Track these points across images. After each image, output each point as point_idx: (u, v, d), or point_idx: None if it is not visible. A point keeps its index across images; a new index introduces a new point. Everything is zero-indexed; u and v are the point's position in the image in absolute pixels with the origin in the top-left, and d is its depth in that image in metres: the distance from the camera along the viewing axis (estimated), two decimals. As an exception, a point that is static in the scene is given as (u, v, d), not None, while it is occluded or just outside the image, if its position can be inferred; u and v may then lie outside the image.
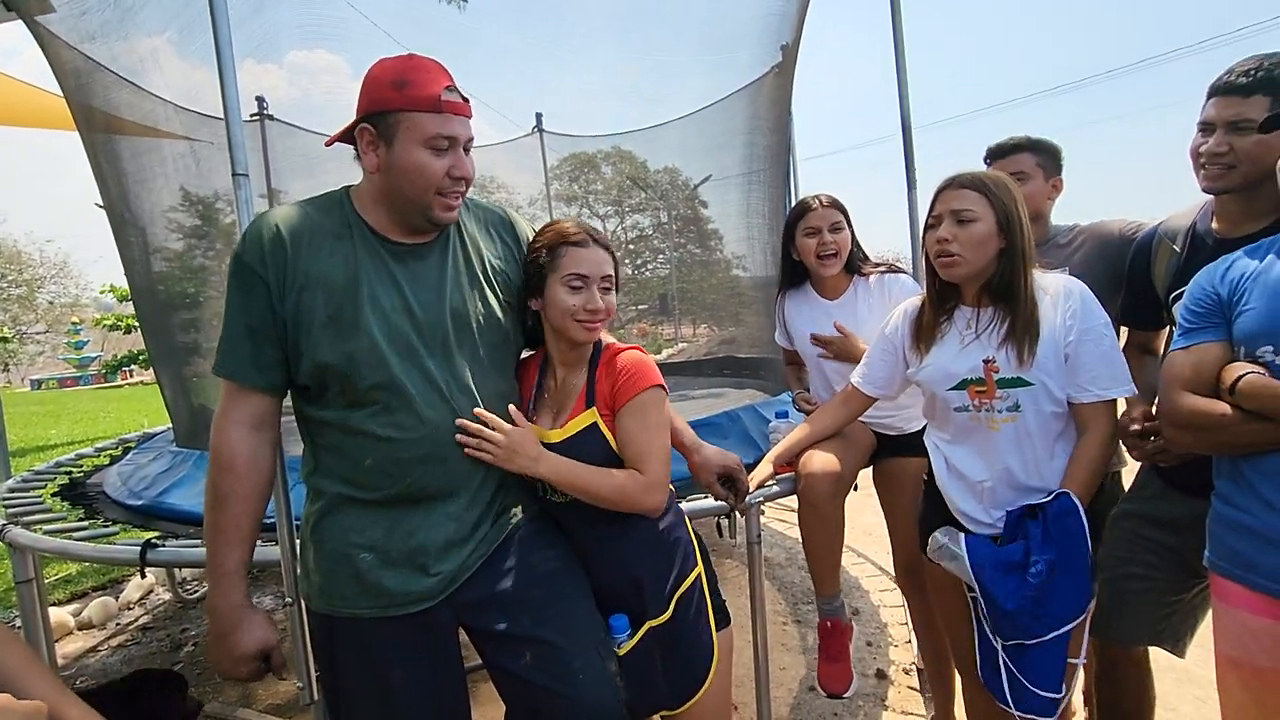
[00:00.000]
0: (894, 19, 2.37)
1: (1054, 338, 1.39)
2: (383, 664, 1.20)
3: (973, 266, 1.42)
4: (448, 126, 1.16)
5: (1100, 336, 1.39)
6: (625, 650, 1.29)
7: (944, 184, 1.46)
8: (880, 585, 3.37)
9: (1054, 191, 1.86)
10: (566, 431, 1.29)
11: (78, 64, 2.81)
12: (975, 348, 1.45)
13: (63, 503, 2.47)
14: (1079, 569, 1.35)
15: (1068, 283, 1.44)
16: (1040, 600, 1.33)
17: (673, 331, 8.01)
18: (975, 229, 1.40)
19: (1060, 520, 1.34)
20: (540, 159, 6.88)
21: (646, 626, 1.31)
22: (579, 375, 1.34)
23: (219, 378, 1.21)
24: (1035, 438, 1.42)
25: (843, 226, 1.93)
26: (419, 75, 1.16)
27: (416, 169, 1.15)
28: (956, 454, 1.51)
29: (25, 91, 5.54)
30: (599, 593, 1.33)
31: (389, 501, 1.20)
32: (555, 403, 1.35)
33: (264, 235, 1.16)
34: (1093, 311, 1.40)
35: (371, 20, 3.98)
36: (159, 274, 3.25)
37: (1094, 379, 1.39)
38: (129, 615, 3.48)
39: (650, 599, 1.31)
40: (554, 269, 1.27)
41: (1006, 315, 1.42)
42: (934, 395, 1.52)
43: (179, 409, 3.09)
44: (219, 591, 1.18)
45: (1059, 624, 1.34)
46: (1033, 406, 1.41)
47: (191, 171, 3.19)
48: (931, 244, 1.45)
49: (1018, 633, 1.37)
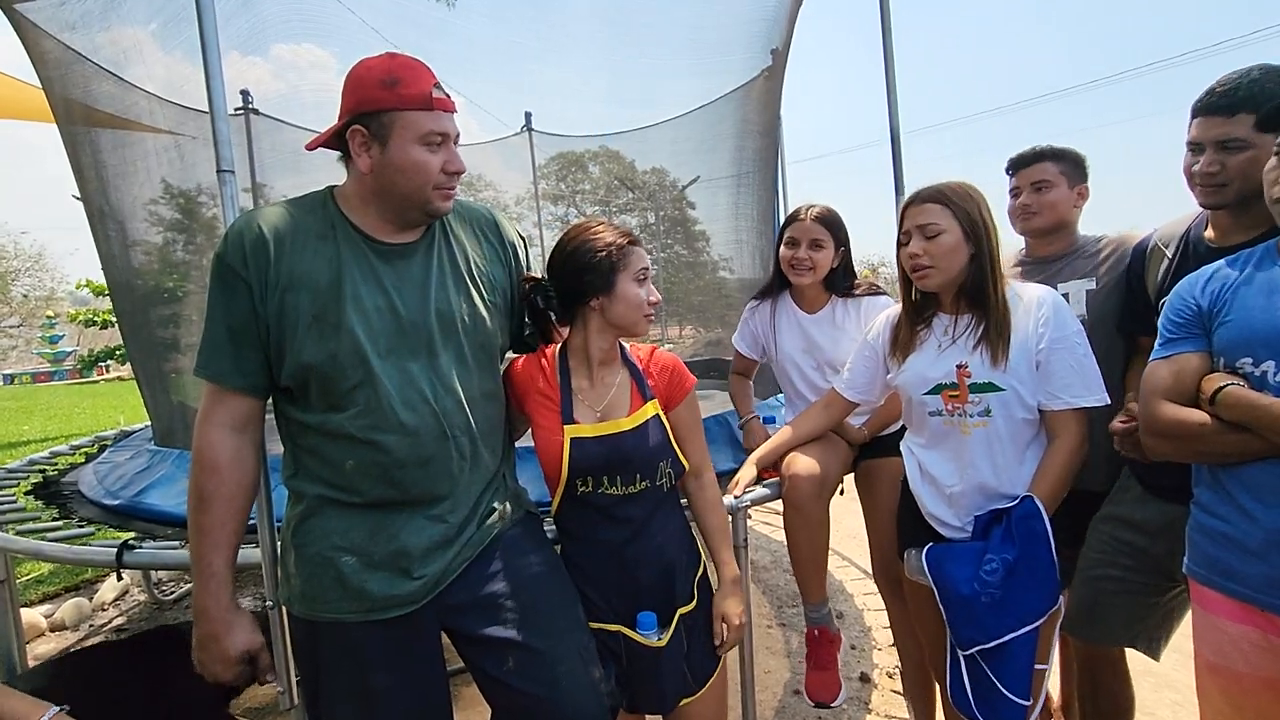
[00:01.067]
0: (884, 27, 2.38)
1: (1025, 344, 1.42)
2: (366, 668, 1.19)
3: (946, 275, 1.46)
4: (440, 123, 1.17)
5: (1072, 345, 1.42)
6: (665, 642, 1.35)
7: (908, 200, 1.51)
8: (864, 589, 3.39)
9: (1080, 199, 1.85)
10: (636, 420, 1.38)
11: (57, 54, 2.75)
12: (951, 353, 1.49)
13: (36, 501, 2.42)
14: (1041, 571, 1.37)
15: (1042, 292, 1.47)
16: (1000, 600, 1.36)
17: (659, 332, 8.02)
18: (943, 240, 1.44)
19: (1023, 523, 1.37)
20: (529, 158, 6.85)
21: (679, 614, 1.39)
22: (615, 373, 1.43)
23: (200, 379, 1.19)
24: (1006, 443, 1.45)
25: (824, 245, 1.92)
26: (407, 74, 1.16)
27: (414, 167, 1.16)
28: (929, 458, 1.55)
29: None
30: (634, 588, 1.37)
31: (371, 504, 1.19)
32: (595, 398, 1.41)
33: (246, 236, 1.15)
34: (1065, 320, 1.43)
35: (360, 17, 3.94)
36: (138, 268, 3.19)
37: (1065, 386, 1.42)
38: (103, 616, 3.42)
39: (679, 587, 1.40)
40: (625, 266, 1.36)
41: (980, 319, 1.46)
42: (910, 400, 1.57)
43: (158, 406, 3.04)
44: (207, 593, 1.16)
45: (1019, 624, 1.36)
46: (1003, 412, 1.44)
47: (174, 165, 3.14)
48: (905, 260, 1.50)
49: (976, 631, 1.39)
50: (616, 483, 1.36)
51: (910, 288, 1.54)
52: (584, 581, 1.38)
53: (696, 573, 1.45)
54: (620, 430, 1.36)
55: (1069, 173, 1.83)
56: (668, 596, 1.38)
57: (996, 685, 1.38)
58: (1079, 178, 1.85)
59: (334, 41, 3.89)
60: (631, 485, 1.36)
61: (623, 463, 1.35)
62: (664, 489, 1.42)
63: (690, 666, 1.40)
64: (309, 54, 4.52)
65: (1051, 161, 1.82)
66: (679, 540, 1.44)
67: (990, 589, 1.35)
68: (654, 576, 1.38)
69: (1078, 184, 1.84)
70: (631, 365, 1.44)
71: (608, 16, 4.15)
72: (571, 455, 1.34)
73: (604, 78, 4.73)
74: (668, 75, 4.42)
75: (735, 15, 3.53)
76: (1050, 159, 1.82)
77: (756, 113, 3.98)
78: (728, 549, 1.49)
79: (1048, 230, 1.84)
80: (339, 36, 3.83)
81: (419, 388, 1.19)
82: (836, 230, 1.94)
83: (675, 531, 1.44)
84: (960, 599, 1.39)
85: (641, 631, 1.34)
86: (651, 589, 1.37)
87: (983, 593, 1.36)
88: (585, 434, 1.36)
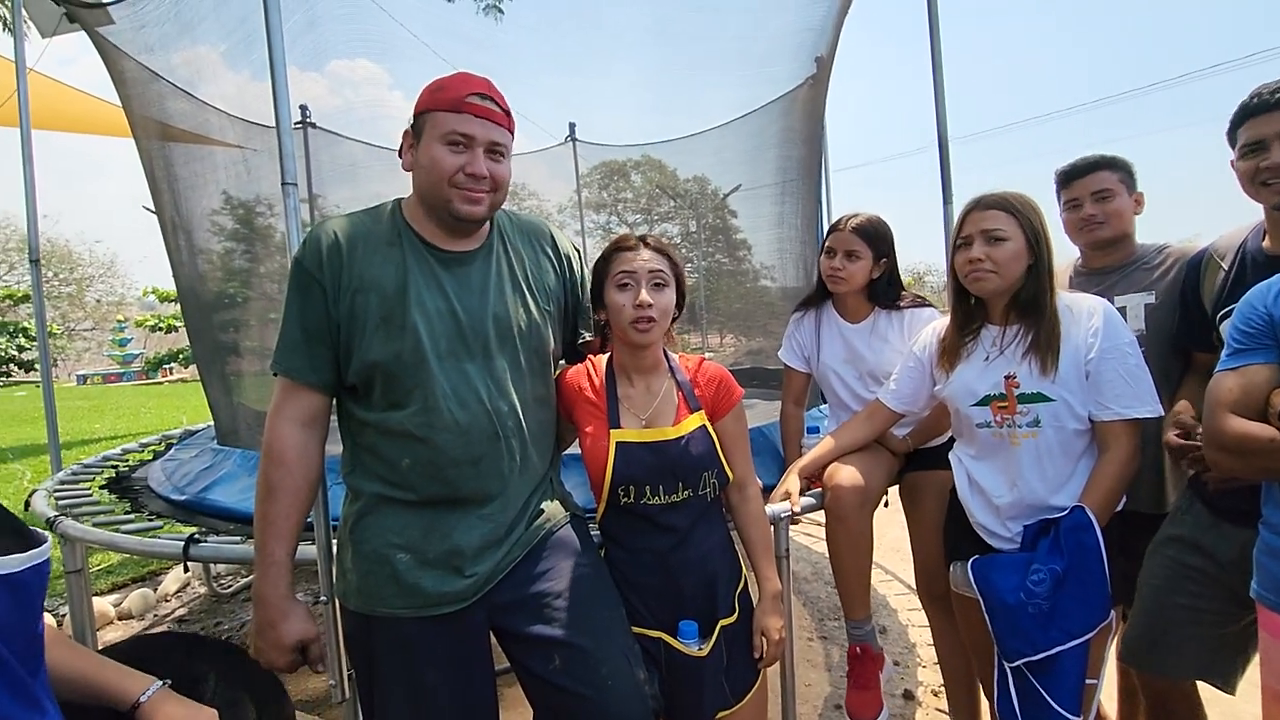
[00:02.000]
0: (931, 34, 2.36)
1: (1076, 354, 1.41)
2: (418, 663, 1.23)
3: (1003, 282, 1.46)
4: (464, 125, 1.21)
5: (1123, 354, 1.40)
6: (705, 652, 1.35)
7: (971, 205, 1.50)
8: (908, 604, 3.31)
9: (1138, 207, 1.81)
10: (682, 429, 1.38)
11: (136, 74, 2.92)
12: (998, 364, 1.48)
13: (110, 496, 2.56)
14: (1092, 584, 1.34)
15: (1093, 302, 1.46)
16: (1048, 612, 1.33)
17: (700, 340, 8.01)
18: (1007, 247, 1.44)
19: (1073, 534, 1.35)
20: (572, 167, 6.95)
21: (720, 626, 1.38)
22: (661, 382, 1.44)
23: (274, 375, 1.27)
24: (1056, 455, 1.44)
25: (860, 256, 1.89)
26: (453, 81, 1.23)
27: (431, 163, 1.21)
28: (979, 469, 1.54)
29: (77, 97, 5.81)
30: (677, 596, 1.37)
31: (426, 503, 1.23)
32: (641, 407, 1.41)
33: (322, 242, 1.23)
34: (1116, 330, 1.42)
35: (411, 31, 4.08)
36: (203, 275, 3.36)
37: (1116, 397, 1.39)
38: (166, 607, 3.58)
39: (721, 598, 1.39)
40: (607, 274, 1.36)
41: (1030, 329, 1.45)
42: (958, 411, 1.56)
43: (219, 407, 3.18)
44: (267, 581, 1.22)
45: (1067, 637, 1.34)
46: (1053, 423, 1.43)
47: (240, 178, 3.30)
48: (962, 264, 1.49)
49: (1023, 643, 1.36)
50: (659, 492, 1.36)
51: (962, 296, 1.54)
52: (627, 587, 1.39)
53: (738, 585, 1.45)
54: (665, 438, 1.37)
55: (1126, 180, 1.78)
56: (709, 607, 1.38)
57: (1046, 699, 1.35)
58: (1133, 184, 1.80)
59: (388, 57, 4.04)
60: (674, 494, 1.37)
61: (667, 470, 1.36)
62: (707, 499, 1.41)
63: (729, 679, 1.39)
64: (364, 69, 4.69)
65: (1109, 170, 1.77)
66: (722, 551, 1.43)
67: (1036, 599, 1.33)
68: (696, 585, 1.38)
69: (1133, 191, 1.80)
70: (678, 375, 1.45)
71: (653, 28, 4.19)
72: (617, 459, 1.35)
73: (649, 88, 4.77)
74: (712, 85, 4.44)
75: (782, 25, 3.52)
76: (1106, 167, 1.77)
77: (800, 121, 3.95)
78: (770, 563, 1.48)
79: (1112, 241, 1.79)
80: (393, 52, 3.98)
81: (474, 388, 1.23)
82: (876, 241, 1.91)
83: (718, 542, 1.43)
84: (1005, 608, 1.37)
85: (683, 640, 1.34)
86: (694, 598, 1.38)
87: (1029, 603, 1.34)
88: (631, 439, 1.37)
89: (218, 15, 2.74)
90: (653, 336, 1.35)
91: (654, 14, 4.07)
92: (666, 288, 1.36)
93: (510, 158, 1.29)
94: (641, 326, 1.32)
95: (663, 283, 1.35)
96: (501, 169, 1.25)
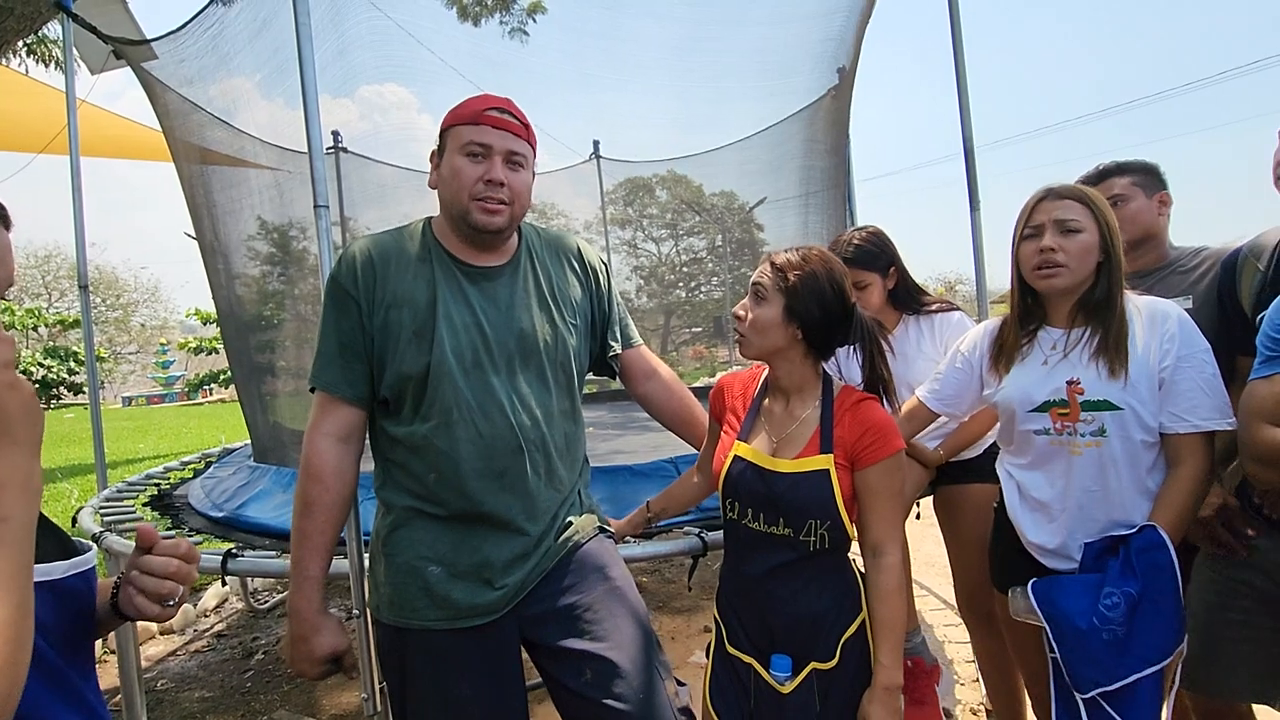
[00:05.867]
0: (954, 42, 2.35)
1: (1147, 361, 1.31)
2: (451, 675, 1.23)
3: (1075, 277, 1.36)
4: (482, 135, 1.24)
5: (1202, 364, 1.30)
6: (789, 690, 1.25)
7: (1042, 194, 1.41)
8: (944, 619, 3.23)
9: (1163, 208, 1.75)
10: (798, 466, 1.26)
11: (177, 105, 3.06)
12: (1061, 368, 1.38)
13: (153, 512, 2.63)
14: (1167, 607, 1.25)
15: (1165, 306, 1.36)
16: (1123, 638, 1.24)
17: (727, 354, 7.98)
18: (1082, 239, 1.35)
19: (1146, 554, 1.25)
20: (597, 184, 7.03)
21: (811, 668, 1.25)
22: (807, 408, 1.31)
23: (311, 391, 1.30)
24: (1121, 467, 1.33)
25: (865, 283, 1.87)
26: (474, 99, 1.27)
27: (452, 173, 1.25)
28: (1031, 480, 1.43)
29: (123, 124, 6.09)
30: (770, 631, 1.28)
31: (454, 517, 1.25)
32: (777, 428, 1.33)
33: (357, 259, 1.26)
34: (1193, 337, 1.31)
35: (439, 56, 4.19)
36: (240, 297, 3.47)
37: (1193, 408, 1.29)
38: (205, 622, 3.66)
39: (821, 641, 1.26)
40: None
41: (1097, 331, 1.35)
42: (1012, 418, 1.45)
43: (256, 426, 3.26)
44: (301, 595, 1.24)
45: (1145, 664, 1.24)
46: (1120, 433, 1.32)
47: (274, 202, 3.41)
48: (1031, 254, 1.39)
49: (1099, 672, 1.26)
50: (760, 519, 1.28)
51: (1024, 292, 1.44)
52: (726, 606, 1.35)
53: (846, 632, 1.27)
54: (775, 469, 1.27)
55: (1142, 183, 1.74)
56: (804, 648, 1.27)
57: None
58: (1156, 185, 1.75)
59: (415, 81, 4.16)
60: (774, 526, 1.27)
61: (769, 501, 1.27)
62: (809, 547, 1.25)
63: None
64: (392, 94, 4.83)
65: (1118, 176, 1.74)
66: (827, 596, 1.27)
67: (1111, 625, 1.23)
68: (785, 624, 1.27)
69: (1155, 192, 1.74)
70: (827, 406, 1.30)
71: (676, 44, 4.24)
72: (729, 471, 1.32)
73: (672, 104, 4.82)
74: (735, 98, 4.47)
75: (802, 36, 3.54)
76: (1115, 174, 1.75)
77: (824, 132, 3.96)
78: (891, 649, 1.24)
79: (1134, 244, 1.74)
80: (420, 77, 4.09)
81: (498, 401, 1.25)
82: (873, 261, 1.89)
83: (822, 588, 1.27)
84: (1077, 633, 1.26)
85: (772, 671, 1.27)
86: (787, 636, 1.28)
87: (1103, 629, 1.24)
88: (747, 456, 1.31)
89: (252, 47, 2.85)
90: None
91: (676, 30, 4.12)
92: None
93: (530, 169, 1.31)
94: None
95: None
96: (519, 178, 1.28)
